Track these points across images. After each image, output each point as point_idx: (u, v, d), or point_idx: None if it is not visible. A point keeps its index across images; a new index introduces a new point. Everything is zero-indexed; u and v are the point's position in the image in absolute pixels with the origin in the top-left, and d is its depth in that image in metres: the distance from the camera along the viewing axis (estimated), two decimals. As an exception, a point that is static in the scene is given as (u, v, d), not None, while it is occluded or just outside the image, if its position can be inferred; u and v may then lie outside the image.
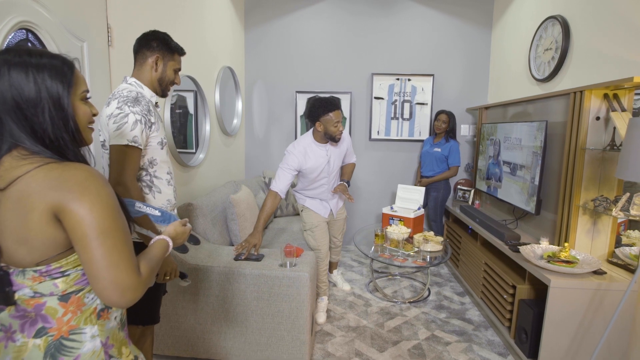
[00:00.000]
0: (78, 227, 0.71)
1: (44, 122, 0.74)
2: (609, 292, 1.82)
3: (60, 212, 0.71)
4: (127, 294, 0.75)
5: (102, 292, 0.73)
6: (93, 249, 0.72)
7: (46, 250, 0.74)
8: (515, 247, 2.27)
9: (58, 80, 0.76)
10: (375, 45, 3.84)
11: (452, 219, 3.59)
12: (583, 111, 2.03)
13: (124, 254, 0.75)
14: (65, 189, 0.71)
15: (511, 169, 2.71)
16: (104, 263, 0.72)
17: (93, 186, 0.73)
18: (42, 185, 0.71)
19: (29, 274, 0.75)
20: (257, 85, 4.00)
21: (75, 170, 0.74)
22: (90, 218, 0.71)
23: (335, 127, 2.32)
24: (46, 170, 0.72)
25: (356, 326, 2.50)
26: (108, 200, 0.75)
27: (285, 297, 1.97)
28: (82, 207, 0.71)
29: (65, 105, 0.77)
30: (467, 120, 3.86)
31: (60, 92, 0.76)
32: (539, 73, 2.78)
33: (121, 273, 0.74)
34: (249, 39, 3.91)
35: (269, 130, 4.07)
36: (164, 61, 1.47)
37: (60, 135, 0.76)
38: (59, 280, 0.76)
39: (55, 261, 0.75)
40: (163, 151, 1.49)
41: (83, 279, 0.79)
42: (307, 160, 2.39)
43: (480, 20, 3.73)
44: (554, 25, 2.61)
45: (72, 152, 0.79)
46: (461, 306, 2.81)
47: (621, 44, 2.03)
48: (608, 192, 2.04)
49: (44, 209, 0.70)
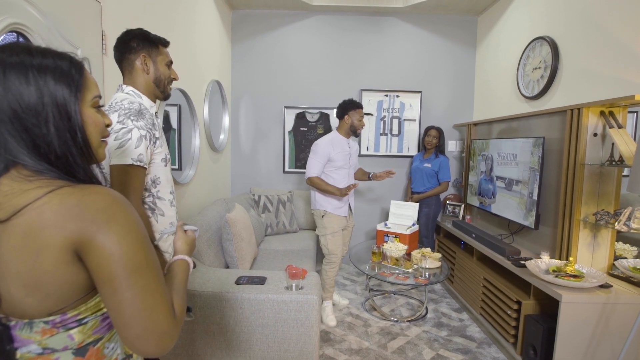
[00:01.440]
0: (105, 265, 0.58)
1: (48, 133, 0.60)
2: (618, 306, 1.84)
3: (83, 248, 0.58)
4: (165, 341, 0.62)
5: (134, 341, 0.60)
6: (124, 291, 0.59)
7: (64, 297, 0.60)
8: (518, 262, 2.27)
9: (64, 83, 0.62)
10: (364, 62, 3.86)
11: (444, 234, 3.60)
12: (581, 127, 2.08)
13: (159, 293, 0.63)
14: (88, 218, 0.58)
15: (506, 184, 2.75)
16: (137, 307, 0.59)
17: (120, 214, 0.60)
18: (58, 216, 0.57)
19: (37, 327, 0.61)
20: (244, 100, 3.90)
21: (97, 195, 0.60)
22: (120, 253, 0.59)
23: (359, 121, 2.79)
24: (61, 195, 0.58)
25: (359, 349, 2.40)
26: (138, 230, 0.62)
27: (293, 323, 1.85)
28: (109, 239, 0.58)
29: (72, 114, 0.62)
30: (453, 136, 3.93)
31: (66, 98, 0.62)
32: (528, 91, 2.87)
33: (157, 317, 0.61)
34: (236, 53, 3.83)
35: (256, 146, 3.96)
36: (152, 58, 1.30)
37: (67, 149, 0.62)
38: (75, 331, 0.63)
39: (73, 308, 0.62)
40: (167, 169, 1.35)
41: (102, 325, 0.66)
42: (335, 148, 2.75)
43: (465, 40, 3.84)
44: (542, 45, 2.71)
45: (82, 171, 0.65)
46: (460, 323, 2.77)
47: (610, 63, 2.12)
48: (607, 206, 2.09)
49: (62, 245, 0.57)
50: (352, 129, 2.79)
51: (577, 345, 1.86)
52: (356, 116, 2.77)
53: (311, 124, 3.91)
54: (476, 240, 2.78)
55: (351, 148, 2.87)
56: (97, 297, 0.64)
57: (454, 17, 3.81)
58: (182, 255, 0.85)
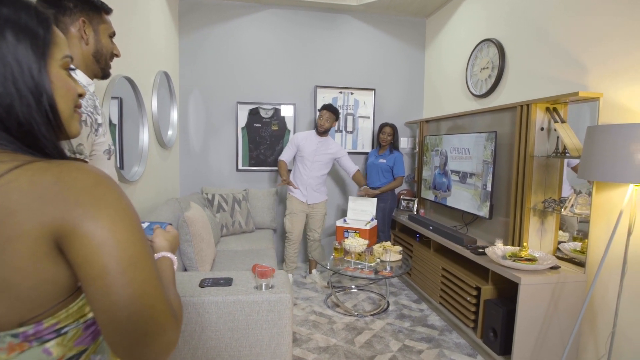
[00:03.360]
0: (95, 258, 0.46)
1: (8, 93, 0.48)
2: (566, 284, 2.00)
3: (66, 237, 0.46)
4: (169, 346, 0.52)
5: (133, 349, 0.49)
6: (120, 289, 0.47)
7: (39, 301, 0.48)
8: (476, 250, 2.39)
9: (27, 37, 0.49)
10: (319, 58, 3.84)
11: (399, 228, 3.70)
12: (530, 122, 2.25)
13: (159, 291, 0.52)
14: (71, 200, 0.46)
15: (460, 178, 2.88)
16: (136, 307, 0.48)
17: (109, 195, 0.49)
18: (31, 197, 0.45)
19: (2, 342, 0.47)
20: (193, 95, 3.68)
21: (78, 172, 0.48)
22: (113, 243, 0.47)
23: (319, 121, 3.29)
24: (33, 172, 0.46)
25: (326, 346, 2.36)
26: (132, 214, 0.51)
27: (265, 324, 1.76)
28: (99, 226, 0.47)
29: (35, 72, 0.50)
30: (405, 133, 4.06)
31: (29, 54, 0.49)
32: (477, 89, 3.04)
33: (159, 319, 0.51)
34: (184, 43, 3.60)
35: (207, 143, 3.76)
36: (92, 26, 1.07)
37: (30, 116, 0.49)
38: (53, 344, 0.50)
39: (50, 315, 0.49)
40: (110, 162, 1.16)
41: (86, 335, 0.54)
42: (304, 141, 3.31)
43: (415, 41, 3.99)
44: (489, 47, 2.88)
45: (50, 145, 0.52)
46: (420, 313, 2.86)
47: (551, 64, 2.31)
48: (552, 195, 2.28)
49: (38, 234, 0.45)
50: (315, 126, 3.35)
51: (533, 323, 1.99)
52: (319, 116, 3.32)
53: (265, 120, 3.80)
54: (434, 232, 2.88)
55: (321, 145, 3.32)
56: (81, 300, 0.52)
57: (405, 18, 3.94)
58: (164, 252, 0.74)
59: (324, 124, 3.26)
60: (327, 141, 3.36)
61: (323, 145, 3.32)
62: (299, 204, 3.31)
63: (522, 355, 2.00)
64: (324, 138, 3.34)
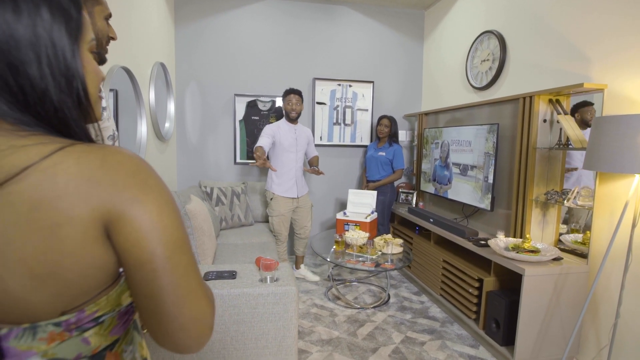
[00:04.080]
0: (144, 243, 0.45)
1: (42, 77, 0.45)
2: (569, 275, 2.02)
3: (115, 222, 0.44)
4: (208, 331, 0.51)
5: (176, 334, 0.48)
6: (166, 275, 0.47)
7: (86, 288, 0.46)
8: (478, 242, 2.39)
9: (62, 17, 0.47)
10: (317, 50, 3.80)
11: (398, 221, 3.70)
12: (533, 114, 2.24)
13: (198, 275, 0.51)
14: (119, 184, 0.44)
15: (461, 170, 2.88)
16: (181, 293, 0.48)
17: (152, 179, 0.48)
18: (79, 180, 0.42)
19: (44, 332, 0.45)
20: (190, 87, 3.62)
21: (120, 155, 0.46)
22: (160, 228, 0.46)
23: (289, 106, 3.11)
24: (77, 155, 0.44)
25: (329, 339, 2.36)
26: (173, 199, 0.50)
27: (271, 317, 1.74)
28: (147, 211, 0.45)
29: (69, 55, 0.47)
30: (403, 126, 4.05)
31: (63, 36, 0.47)
32: (477, 82, 3.04)
33: (201, 304, 0.50)
34: (180, 35, 3.53)
35: (204, 136, 3.71)
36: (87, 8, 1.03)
37: (63, 101, 0.47)
38: (91, 333, 0.48)
39: (93, 303, 0.48)
40: None
41: (119, 324, 0.52)
42: (279, 132, 3.08)
43: (413, 33, 3.97)
44: (489, 38, 2.87)
45: (80, 129, 0.49)
46: (421, 305, 2.87)
47: (553, 55, 2.30)
48: (554, 186, 2.29)
49: (89, 218, 0.43)
50: (286, 114, 3.15)
51: (536, 314, 2.01)
52: (286, 102, 3.12)
53: (263, 113, 3.76)
54: (435, 225, 2.88)
55: (298, 133, 3.17)
56: (120, 287, 0.50)
57: (403, 10, 3.91)
58: None
59: (295, 108, 3.10)
60: (300, 127, 3.23)
61: (299, 132, 3.20)
62: (286, 204, 3.14)
63: (525, 345, 2.01)
64: (297, 125, 3.20)
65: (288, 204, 3.16)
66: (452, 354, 2.21)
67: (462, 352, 2.24)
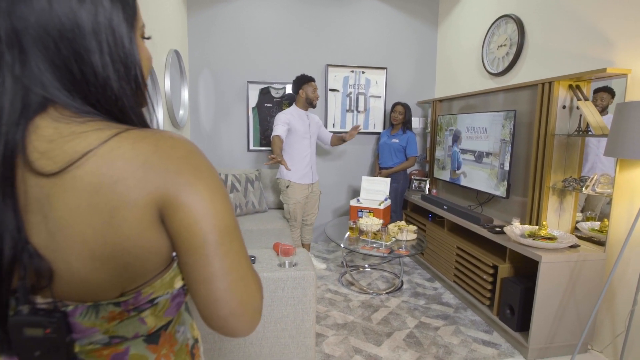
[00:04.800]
0: (197, 228, 0.46)
1: (103, 65, 0.46)
2: (586, 263, 2.02)
3: (169, 207, 0.45)
4: (257, 316, 0.52)
5: (227, 319, 0.49)
6: (218, 260, 0.47)
7: (144, 270, 0.48)
8: (494, 229, 2.40)
9: (119, 3, 0.47)
10: (330, 36, 3.77)
11: (411, 208, 3.70)
12: (552, 100, 2.21)
13: (248, 261, 0.52)
14: (172, 169, 0.45)
15: (476, 157, 2.87)
16: (232, 278, 0.48)
17: (204, 165, 0.48)
18: (135, 165, 0.43)
19: (105, 311, 0.48)
20: (203, 74, 3.62)
21: (173, 140, 0.47)
22: (213, 213, 0.47)
23: (314, 93, 3.03)
24: (133, 140, 0.45)
25: (344, 323, 2.40)
26: (223, 184, 0.51)
27: (290, 300, 1.78)
28: (199, 196, 0.46)
29: (126, 42, 0.48)
30: (416, 113, 4.02)
31: (122, 22, 0.48)
32: (493, 67, 2.99)
33: (251, 289, 0.51)
34: (192, 22, 3.52)
35: (218, 123, 3.73)
36: None
37: (122, 88, 0.48)
38: (147, 313, 0.51)
39: (149, 285, 0.49)
40: None
41: (172, 306, 0.54)
42: (293, 119, 3.01)
43: (427, 18, 3.90)
44: (507, 23, 2.82)
45: (137, 116, 0.51)
46: (435, 291, 2.90)
47: (574, 40, 2.26)
48: (572, 173, 2.27)
49: (146, 201, 0.44)
50: (308, 101, 3.05)
51: (552, 301, 2.02)
52: (310, 89, 3.03)
53: (276, 100, 3.76)
54: (449, 212, 2.88)
55: (310, 119, 3.13)
56: (173, 271, 0.52)
57: (417, -6, 3.84)
58: None
59: (318, 96, 3.09)
60: (310, 114, 3.19)
61: (311, 119, 3.16)
62: (302, 191, 3.09)
63: (539, 331, 2.03)
64: (307, 111, 3.13)
65: (304, 190, 3.12)
66: (466, 339, 2.24)
67: (476, 337, 2.27)
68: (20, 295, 0.44)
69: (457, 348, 2.15)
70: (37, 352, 0.46)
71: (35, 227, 0.43)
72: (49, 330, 0.45)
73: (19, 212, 0.42)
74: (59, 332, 0.45)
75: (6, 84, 0.43)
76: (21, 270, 0.43)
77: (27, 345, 0.45)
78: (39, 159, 0.43)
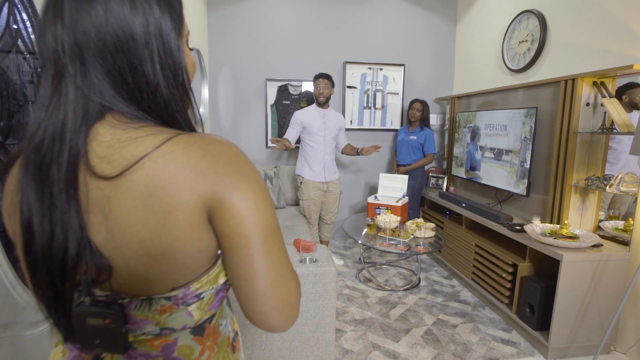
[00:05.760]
0: (243, 228, 0.49)
1: (154, 73, 0.49)
2: (609, 262, 1.99)
3: (217, 208, 0.48)
4: (295, 312, 0.55)
5: (268, 314, 0.52)
6: (261, 258, 0.50)
7: (193, 267, 0.51)
8: (513, 227, 2.38)
9: (168, 12, 0.50)
10: (347, 33, 3.77)
11: (428, 205, 3.70)
12: (575, 97, 2.18)
13: (288, 259, 0.55)
14: (220, 172, 0.48)
15: (495, 155, 2.84)
16: (274, 276, 0.52)
17: (248, 167, 0.51)
18: (186, 168, 0.46)
19: (157, 304, 0.51)
20: (222, 72, 3.68)
21: (220, 144, 0.50)
22: (257, 214, 0.50)
23: (317, 90, 3.10)
24: (183, 144, 0.47)
25: (362, 319, 2.43)
26: (265, 186, 0.54)
27: (311, 296, 1.82)
28: (245, 198, 0.49)
29: (175, 49, 0.51)
30: (434, 110, 3.99)
31: (170, 30, 0.50)
32: (514, 64, 2.95)
33: (291, 286, 0.54)
34: (212, 21, 3.58)
35: (237, 120, 3.79)
36: None
37: (171, 94, 0.51)
38: (194, 307, 0.54)
39: (196, 281, 0.53)
40: None
41: (216, 300, 0.57)
42: (307, 117, 3.11)
43: (446, 14, 3.86)
44: (529, 18, 2.77)
45: (185, 120, 0.53)
46: (452, 289, 2.90)
47: (598, 36, 2.21)
48: (595, 172, 2.23)
49: (196, 203, 0.47)
50: (315, 98, 3.15)
51: (573, 300, 2.00)
52: (314, 87, 3.12)
53: (294, 97, 3.79)
54: (467, 210, 2.87)
55: (327, 117, 3.14)
56: (217, 267, 0.56)
57: (436, -10, 3.81)
58: None
59: (322, 92, 3.06)
60: (330, 111, 3.17)
61: (328, 117, 3.15)
62: (315, 188, 3.14)
63: (560, 330, 2.02)
64: (326, 109, 3.15)
65: (317, 188, 3.15)
66: (485, 337, 2.24)
67: (494, 335, 2.27)
68: (83, 288, 0.48)
69: (475, 346, 2.16)
70: (97, 341, 0.50)
71: (96, 226, 0.47)
72: (108, 320, 0.49)
73: (81, 213, 0.46)
74: (117, 323, 0.49)
75: (69, 94, 0.47)
76: (84, 265, 0.47)
77: (88, 334, 0.50)
78: (99, 163, 0.46)
